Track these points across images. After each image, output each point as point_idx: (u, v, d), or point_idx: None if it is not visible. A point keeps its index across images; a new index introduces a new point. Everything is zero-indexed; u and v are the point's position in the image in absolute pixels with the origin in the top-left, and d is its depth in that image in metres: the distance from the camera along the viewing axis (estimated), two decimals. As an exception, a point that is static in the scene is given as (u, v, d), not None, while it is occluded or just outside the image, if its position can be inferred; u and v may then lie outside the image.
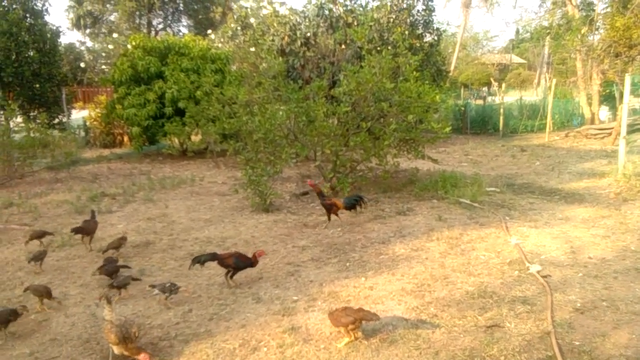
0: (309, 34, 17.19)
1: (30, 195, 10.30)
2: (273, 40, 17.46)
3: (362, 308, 4.24)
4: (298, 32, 17.26)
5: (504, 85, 21.60)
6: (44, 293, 4.92)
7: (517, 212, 7.98)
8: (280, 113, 9.41)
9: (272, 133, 9.14)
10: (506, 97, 21.72)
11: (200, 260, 5.48)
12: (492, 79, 32.74)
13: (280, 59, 15.32)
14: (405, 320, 4.46)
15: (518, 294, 4.97)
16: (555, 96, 19.73)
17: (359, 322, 4.03)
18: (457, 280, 5.34)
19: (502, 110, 19.58)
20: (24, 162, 12.34)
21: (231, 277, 5.44)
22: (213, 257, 5.51)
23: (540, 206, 8.40)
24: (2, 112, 13.39)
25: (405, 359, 3.87)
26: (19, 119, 13.63)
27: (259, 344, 4.18)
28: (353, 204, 7.71)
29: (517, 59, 58.93)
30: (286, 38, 17.34)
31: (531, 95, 31.70)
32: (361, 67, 9.53)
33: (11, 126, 12.64)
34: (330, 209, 7.54)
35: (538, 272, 5.44)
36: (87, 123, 18.69)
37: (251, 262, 5.45)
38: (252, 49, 18.82)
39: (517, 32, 61.71)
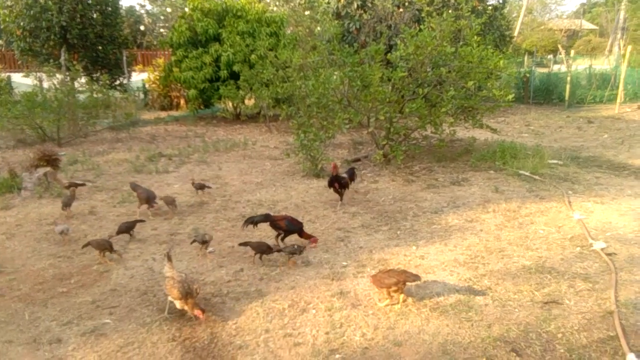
0: (365, -4, 16.69)
1: (93, 154, 10.77)
2: (329, 3, 17.10)
3: (405, 270, 4.19)
4: (355, -6, 16.79)
5: (572, 52, 20.21)
6: (106, 246, 5.15)
7: (582, 187, 7.55)
8: (334, 77, 9.24)
9: (326, 98, 9.01)
10: (574, 66, 20.42)
11: (253, 220, 5.55)
12: (559, 46, 30.72)
13: (336, 22, 15.03)
14: (457, 291, 4.35)
15: (579, 270, 4.72)
16: (629, 65, 18.32)
17: (402, 284, 3.99)
18: (514, 254, 5.14)
19: (569, 79, 18.40)
20: (87, 122, 12.89)
21: (282, 239, 5.49)
22: (266, 218, 5.57)
23: (607, 181, 7.91)
24: (67, 73, 13.92)
25: (456, 330, 3.78)
26: (83, 80, 14.15)
27: (308, 305, 4.20)
28: (353, 176, 7.46)
29: (587, 25, 55.09)
30: (342, 0, 16.93)
31: (601, 64, 29.64)
32: (420, 30, 9.15)
33: (76, 87, 13.16)
34: (347, 186, 7.11)
35: (602, 249, 5.14)
36: (146, 85, 19.21)
37: (300, 228, 5.46)
38: (307, 13, 18.54)
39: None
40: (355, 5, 16.68)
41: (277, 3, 22.58)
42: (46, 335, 3.81)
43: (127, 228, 5.71)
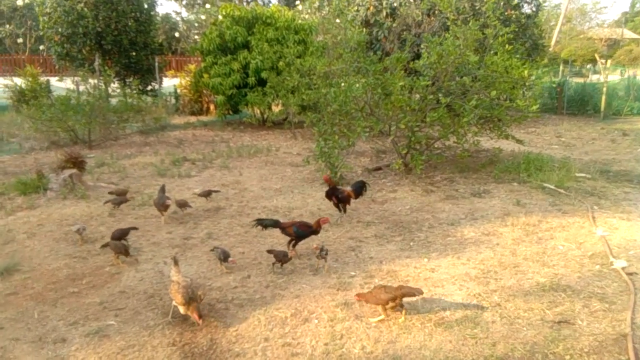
0: (395, 4, 16.62)
1: (121, 157, 11.04)
2: (358, 11, 17.11)
3: (403, 285, 4.15)
4: (384, 2, 16.75)
5: (608, 62, 19.56)
6: (122, 250, 5.24)
7: (608, 202, 7.26)
8: (357, 85, 9.20)
9: (348, 105, 8.98)
10: (611, 76, 19.73)
11: (263, 223, 5.60)
12: (596, 56, 29.77)
13: (364, 30, 15.01)
14: (464, 307, 4.23)
15: (596, 290, 4.53)
16: (670, 75, 17.60)
17: (399, 300, 3.92)
18: (528, 270, 4.97)
19: (604, 89, 17.79)
20: (118, 125, 13.23)
21: (293, 246, 5.48)
22: (275, 223, 5.59)
23: (636, 196, 7.58)
24: (101, 78, 14.36)
25: (459, 347, 3.67)
26: (116, 85, 14.55)
27: (311, 315, 4.17)
28: (360, 191, 7.02)
29: (629, 34, 53.31)
30: (371, 8, 16.93)
31: (642, 74, 28.54)
32: (445, 38, 9.04)
33: (109, 91, 13.55)
34: (347, 201, 6.76)
35: (623, 268, 4.92)
36: (178, 91, 19.62)
37: (313, 230, 5.43)
38: (338, 21, 18.60)
39: (633, 3, 55.68)
40: (385, 13, 16.63)
41: (309, 11, 22.70)
42: (52, 335, 3.90)
43: (122, 234, 5.62)
